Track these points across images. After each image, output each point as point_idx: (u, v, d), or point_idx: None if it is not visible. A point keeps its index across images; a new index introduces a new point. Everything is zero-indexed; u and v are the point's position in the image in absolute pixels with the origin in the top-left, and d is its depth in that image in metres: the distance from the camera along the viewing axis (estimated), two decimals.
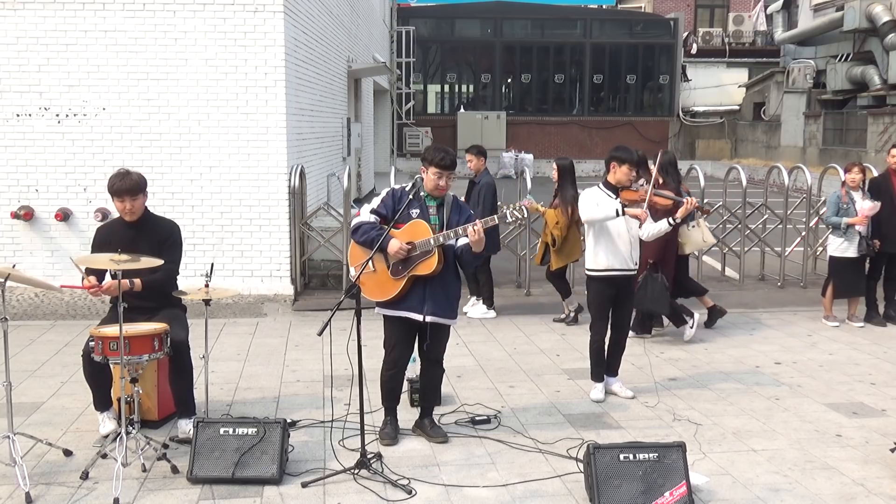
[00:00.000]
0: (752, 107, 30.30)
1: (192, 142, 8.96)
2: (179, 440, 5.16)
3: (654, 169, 7.97)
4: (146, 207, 5.47)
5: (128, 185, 5.26)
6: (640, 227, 5.95)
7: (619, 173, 5.94)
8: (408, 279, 5.07)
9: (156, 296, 5.36)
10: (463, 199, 8.50)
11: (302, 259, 9.57)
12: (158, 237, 5.40)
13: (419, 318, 5.13)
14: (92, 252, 5.41)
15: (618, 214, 5.83)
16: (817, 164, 21.64)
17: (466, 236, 4.96)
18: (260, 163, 9.03)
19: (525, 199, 8.43)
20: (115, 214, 5.54)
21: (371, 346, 5.84)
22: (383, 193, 5.25)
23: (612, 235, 5.93)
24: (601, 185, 6.06)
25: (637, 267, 6.13)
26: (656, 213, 6.18)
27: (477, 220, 4.97)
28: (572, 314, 8.57)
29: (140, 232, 5.36)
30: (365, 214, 5.16)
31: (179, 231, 5.59)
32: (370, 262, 5.03)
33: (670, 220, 5.98)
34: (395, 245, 4.99)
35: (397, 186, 5.29)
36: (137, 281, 5.24)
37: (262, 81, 8.94)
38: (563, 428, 5.57)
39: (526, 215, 5.03)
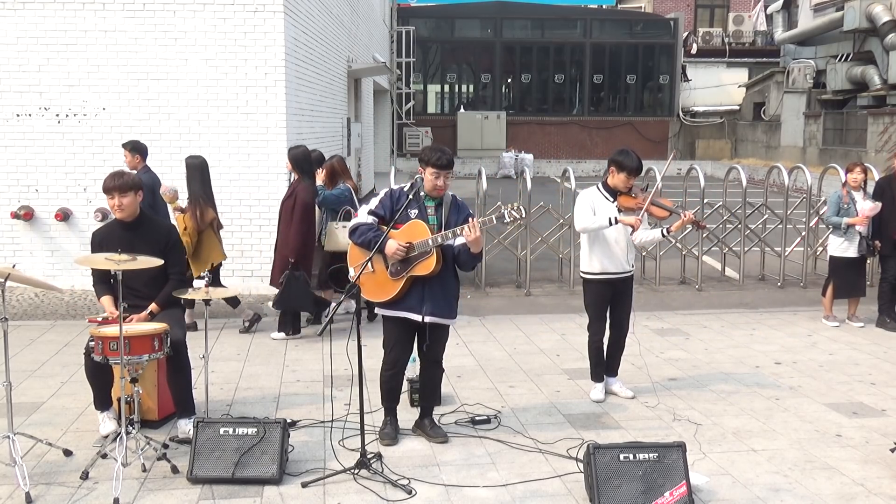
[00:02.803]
0: (752, 107, 30.30)
1: (192, 142, 8.97)
2: (179, 440, 5.16)
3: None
4: (142, 209, 5.47)
5: (117, 183, 5.29)
6: (631, 233, 5.90)
7: (617, 179, 5.90)
8: (406, 279, 5.07)
9: (151, 294, 5.37)
10: None
11: None
12: (156, 239, 5.40)
13: (418, 318, 5.13)
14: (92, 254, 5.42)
15: (611, 223, 5.79)
16: (817, 164, 21.64)
17: (464, 237, 4.96)
18: (260, 163, 9.04)
19: (165, 185, 8.02)
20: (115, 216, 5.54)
21: (371, 346, 5.84)
22: (381, 194, 5.24)
23: (609, 239, 5.90)
24: (600, 185, 6.03)
25: (633, 269, 6.10)
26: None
27: (473, 220, 4.96)
28: (246, 323, 8.03)
29: (136, 234, 5.35)
30: (362, 215, 5.15)
31: (177, 231, 5.62)
32: (369, 263, 5.03)
33: (664, 231, 5.96)
34: (391, 246, 4.98)
35: (395, 187, 5.28)
36: (154, 306, 5.32)
37: (262, 81, 8.95)
38: (563, 428, 5.57)
39: (524, 215, 5.03)
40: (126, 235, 5.31)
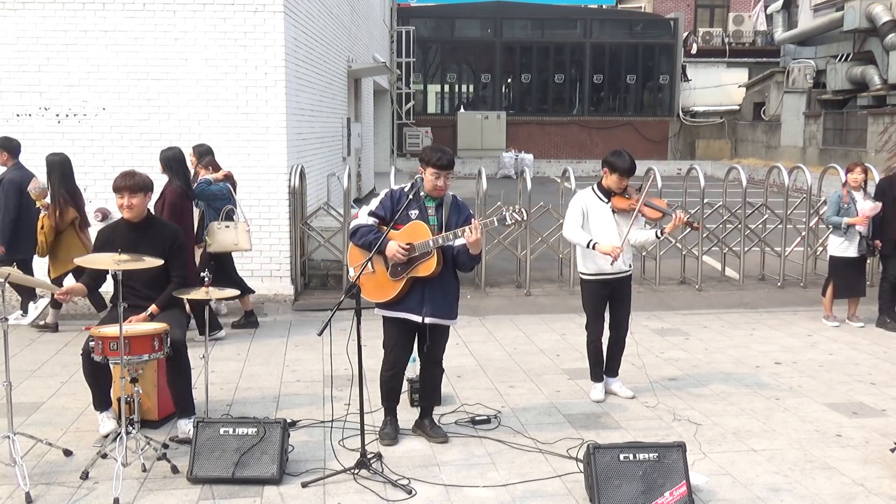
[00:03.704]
0: (752, 107, 30.29)
1: (192, 142, 8.94)
2: (179, 440, 5.16)
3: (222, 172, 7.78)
4: (149, 210, 5.48)
5: (129, 183, 5.29)
6: (612, 262, 5.80)
7: (609, 180, 5.90)
8: (407, 280, 5.06)
9: (152, 295, 5.38)
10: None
11: (302, 259, 9.57)
12: (161, 240, 5.40)
13: (418, 319, 5.13)
14: (94, 252, 5.42)
15: (588, 247, 5.82)
16: (817, 164, 21.64)
17: (464, 238, 4.95)
18: (260, 163, 9.03)
19: (34, 182, 7.69)
20: (116, 215, 5.54)
21: (371, 346, 5.83)
22: (381, 195, 5.23)
23: (603, 240, 5.86)
24: (595, 186, 6.02)
25: (631, 269, 6.09)
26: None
27: (474, 222, 4.95)
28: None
29: (142, 234, 5.37)
30: (363, 217, 5.14)
31: (182, 234, 5.61)
32: (370, 264, 5.03)
33: (658, 233, 5.95)
34: (392, 248, 4.98)
35: (396, 187, 5.28)
36: (154, 307, 5.32)
37: (262, 81, 8.94)
38: (563, 428, 5.57)
39: (525, 218, 5.03)
40: (132, 235, 5.33)
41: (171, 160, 7.52)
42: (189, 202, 7.58)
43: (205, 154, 8.14)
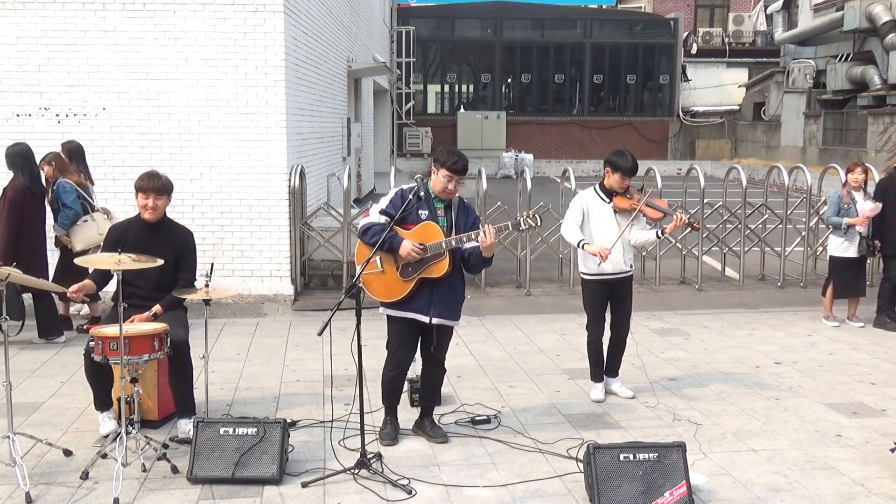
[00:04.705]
0: (752, 107, 30.30)
1: (192, 142, 8.97)
2: (179, 440, 5.16)
3: None
4: (165, 212, 5.50)
5: (155, 184, 5.35)
6: (599, 264, 5.81)
7: (612, 180, 5.90)
8: (416, 281, 5.06)
9: (157, 296, 5.38)
10: None
11: (302, 259, 9.57)
12: (175, 243, 5.44)
13: (426, 319, 5.13)
14: (103, 248, 5.45)
15: (579, 246, 5.85)
16: (817, 164, 21.64)
17: (478, 241, 4.97)
18: (260, 163, 9.04)
19: None
20: (118, 215, 5.55)
21: (371, 346, 5.84)
22: (392, 193, 5.22)
23: (603, 240, 5.87)
24: (597, 186, 6.03)
25: (632, 269, 6.09)
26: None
27: (489, 225, 4.96)
28: None
29: (156, 235, 5.41)
30: (374, 215, 5.13)
31: (194, 239, 5.63)
32: (380, 263, 5.02)
33: (659, 233, 5.96)
34: (407, 247, 4.97)
35: (406, 186, 5.25)
36: (158, 308, 5.33)
37: (262, 81, 8.94)
38: (563, 428, 5.57)
39: (540, 224, 5.05)
40: (146, 235, 5.37)
41: (16, 156, 7.44)
42: (35, 200, 7.49)
43: (73, 151, 7.90)
